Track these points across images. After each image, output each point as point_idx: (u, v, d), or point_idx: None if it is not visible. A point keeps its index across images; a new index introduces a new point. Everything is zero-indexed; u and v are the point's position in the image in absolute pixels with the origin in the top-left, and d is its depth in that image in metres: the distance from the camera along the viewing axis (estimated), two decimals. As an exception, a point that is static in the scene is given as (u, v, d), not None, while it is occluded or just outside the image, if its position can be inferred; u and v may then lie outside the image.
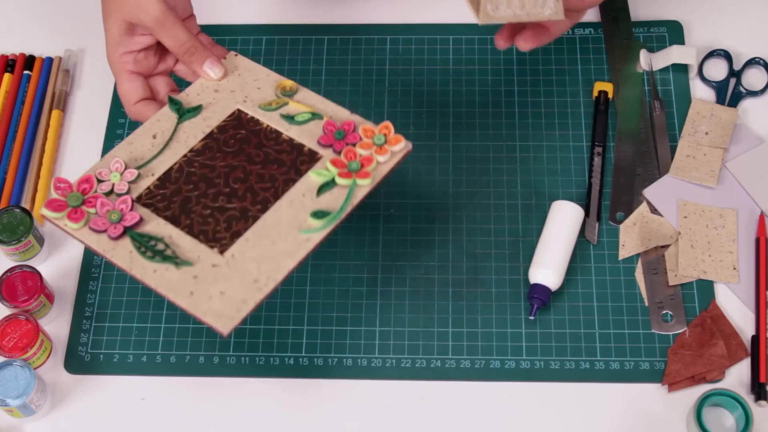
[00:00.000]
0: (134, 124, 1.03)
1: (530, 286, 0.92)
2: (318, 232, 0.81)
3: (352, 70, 1.05)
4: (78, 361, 0.92)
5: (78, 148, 1.03)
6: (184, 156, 0.86)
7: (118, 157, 0.86)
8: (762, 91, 1.02)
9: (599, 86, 1.02)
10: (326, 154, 0.86)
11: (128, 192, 0.84)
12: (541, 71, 1.04)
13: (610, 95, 1.01)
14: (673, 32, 1.06)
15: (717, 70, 1.04)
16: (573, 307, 0.92)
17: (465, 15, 1.08)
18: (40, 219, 0.98)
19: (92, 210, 0.82)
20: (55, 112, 1.03)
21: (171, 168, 0.86)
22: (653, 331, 0.91)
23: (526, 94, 1.03)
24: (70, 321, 0.94)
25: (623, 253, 0.94)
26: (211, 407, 0.90)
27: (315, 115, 0.88)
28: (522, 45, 0.92)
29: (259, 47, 1.07)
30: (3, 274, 0.93)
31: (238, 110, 0.89)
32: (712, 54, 1.04)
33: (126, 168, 0.85)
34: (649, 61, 1.03)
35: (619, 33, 1.05)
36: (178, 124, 0.88)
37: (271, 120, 0.88)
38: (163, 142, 0.87)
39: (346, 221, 0.82)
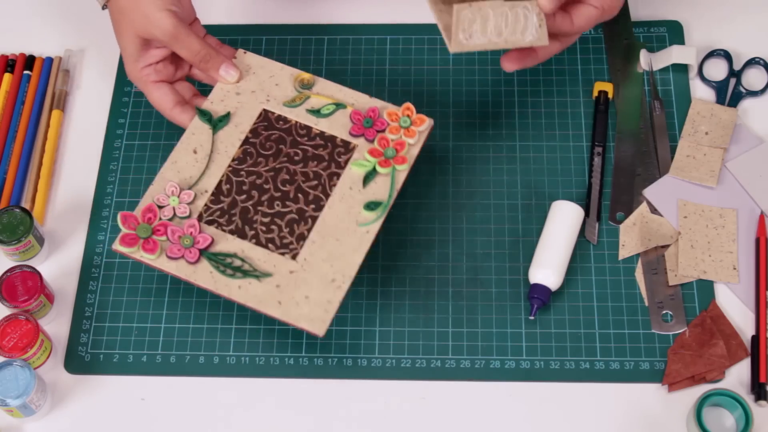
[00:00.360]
0: (134, 125, 1.03)
1: (530, 286, 0.92)
2: (374, 223, 0.86)
3: (352, 70, 1.05)
4: (78, 361, 0.92)
5: (78, 148, 1.03)
6: (229, 167, 0.90)
7: (169, 178, 0.89)
8: (762, 91, 1.02)
9: (599, 86, 1.02)
10: (359, 143, 0.90)
11: (191, 214, 0.87)
12: (541, 71, 1.04)
13: (610, 95, 1.01)
14: (673, 32, 1.06)
15: (717, 70, 1.04)
16: (573, 307, 0.92)
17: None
18: (41, 219, 0.98)
19: (162, 238, 0.86)
20: (55, 112, 1.03)
21: (220, 181, 0.89)
22: (653, 331, 0.91)
23: (526, 94, 1.03)
24: (70, 321, 0.94)
25: (623, 253, 0.94)
26: (211, 407, 0.90)
27: (338, 105, 0.91)
28: (507, 66, 0.91)
29: (259, 47, 1.07)
30: (3, 274, 0.93)
31: (264, 110, 0.92)
32: (712, 54, 1.04)
33: (181, 190, 0.88)
34: (649, 61, 1.03)
35: (619, 33, 1.05)
36: (213, 135, 0.91)
37: (298, 116, 0.91)
38: (205, 156, 0.90)
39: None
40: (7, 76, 1.06)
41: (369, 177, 0.89)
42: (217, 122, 0.91)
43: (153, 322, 0.93)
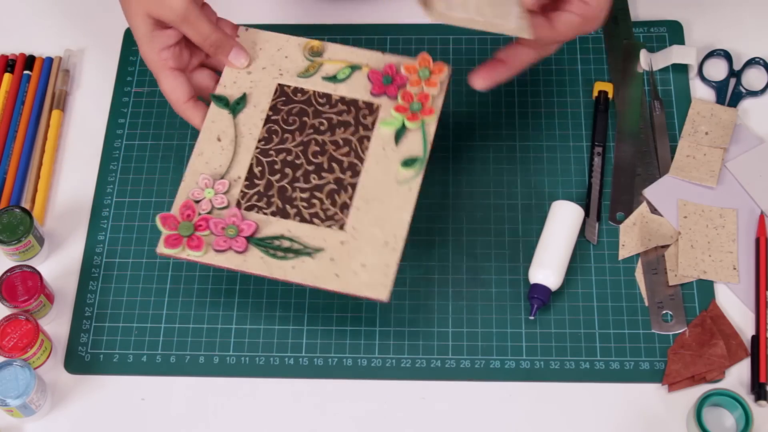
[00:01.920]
0: (134, 125, 1.03)
1: (530, 286, 0.92)
2: (415, 178, 0.85)
3: (352, 70, 1.05)
4: (78, 361, 0.92)
5: (78, 148, 1.03)
6: (256, 148, 0.88)
7: (200, 171, 0.87)
8: (762, 91, 1.02)
9: (599, 86, 1.02)
10: (382, 101, 0.89)
11: (229, 204, 0.85)
12: (541, 71, 1.04)
13: (610, 95, 1.01)
14: (673, 32, 1.06)
15: (717, 70, 1.04)
16: (573, 307, 0.92)
17: (465, 15, 1.08)
18: (41, 219, 0.98)
19: (205, 232, 0.84)
20: (55, 112, 1.03)
21: (251, 165, 0.87)
22: (653, 331, 0.91)
23: (526, 94, 1.03)
24: (70, 321, 0.94)
25: (623, 253, 0.94)
26: (211, 407, 0.90)
27: (354, 68, 0.90)
28: (477, 82, 0.88)
29: (259, 47, 1.07)
30: (3, 274, 0.93)
31: (280, 85, 0.90)
32: (712, 54, 1.04)
33: (214, 181, 0.86)
34: (649, 61, 1.03)
35: (619, 33, 1.05)
36: (234, 119, 0.89)
37: (315, 85, 0.90)
38: (230, 142, 0.88)
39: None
40: (7, 76, 1.06)
41: (399, 134, 0.87)
42: (234, 105, 0.89)
43: (153, 322, 0.93)
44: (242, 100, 0.89)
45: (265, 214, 0.85)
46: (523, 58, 0.88)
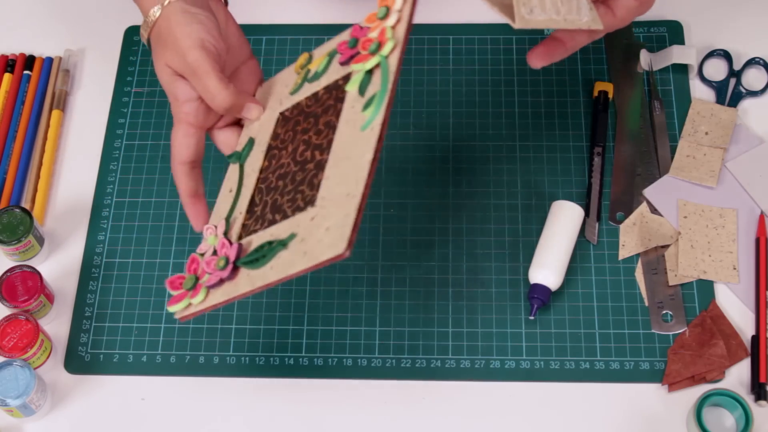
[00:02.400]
0: (134, 125, 1.03)
1: (530, 286, 0.92)
2: (375, 118, 0.74)
3: (352, 70, 1.05)
4: (78, 361, 0.92)
5: (78, 148, 1.03)
6: (257, 179, 0.82)
7: (210, 224, 0.83)
8: (762, 91, 1.02)
9: (599, 86, 1.02)
10: (353, 66, 0.80)
11: (225, 237, 0.80)
12: (541, 71, 1.04)
13: (610, 95, 1.01)
14: (673, 32, 1.06)
15: (717, 70, 1.04)
16: (573, 307, 0.92)
17: (465, 15, 1.08)
18: (41, 219, 0.98)
19: (205, 277, 0.79)
20: (55, 112, 1.03)
21: (252, 196, 0.82)
22: (653, 331, 0.91)
23: (526, 94, 1.03)
24: (70, 321, 0.94)
25: (623, 253, 0.94)
26: (211, 407, 0.90)
27: (331, 54, 0.83)
28: (534, 62, 0.85)
29: (259, 47, 1.07)
30: (3, 274, 0.93)
31: (280, 114, 0.84)
32: (712, 54, 1.04)
33: (216, 228, 0.82)
34: (649, 61, 1.03)
35: (619, 33, 1.05)
36: (241, 166, 0.84)
37: (305, 93, 0.84)
38: (237, 186, 0.83)
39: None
40: (7, 76, 1.06)
41: (364, 84, 0.77)
42: (241, 154, 0.85)
43: (153, 322, 0.93)
44: (249, 145, 0.84)
45: (256, 232, 0.79)
46: (579, 39, 0.86)
